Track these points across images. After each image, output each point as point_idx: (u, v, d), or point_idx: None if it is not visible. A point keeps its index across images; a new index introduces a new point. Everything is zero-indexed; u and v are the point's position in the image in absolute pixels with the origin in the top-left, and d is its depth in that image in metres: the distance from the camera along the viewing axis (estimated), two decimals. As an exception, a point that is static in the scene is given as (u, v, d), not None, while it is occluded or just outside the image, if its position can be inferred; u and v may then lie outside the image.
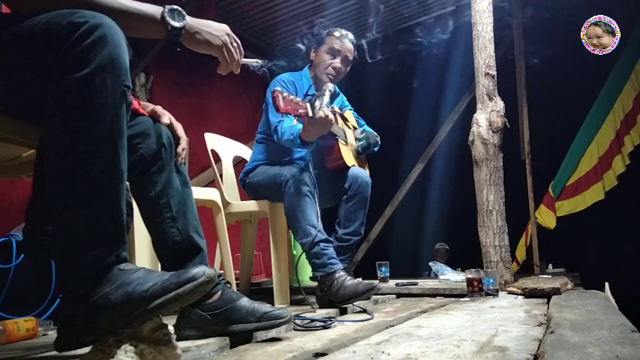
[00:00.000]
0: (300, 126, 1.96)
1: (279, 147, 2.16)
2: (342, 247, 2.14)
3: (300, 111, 1.79)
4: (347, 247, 2.15)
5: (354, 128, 2.42)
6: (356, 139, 2.35)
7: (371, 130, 2.44)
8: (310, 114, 1.80)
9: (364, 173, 2.20)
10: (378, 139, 2.39)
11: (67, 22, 0.83)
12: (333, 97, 2.09)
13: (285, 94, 1.76)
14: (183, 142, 1.24)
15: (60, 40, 0.83)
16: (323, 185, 2.08)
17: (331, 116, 1.85)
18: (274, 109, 1.80)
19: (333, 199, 2.23)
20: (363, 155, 2.39)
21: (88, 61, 0.83)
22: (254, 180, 2.20)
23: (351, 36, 2.23)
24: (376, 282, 2.63)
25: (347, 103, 2.52)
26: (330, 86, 2.01)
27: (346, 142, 2.25)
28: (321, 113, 1.81)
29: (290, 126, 2.01)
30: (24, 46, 0.87)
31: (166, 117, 1.21)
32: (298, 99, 1.82)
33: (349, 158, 2.20)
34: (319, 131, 1.90)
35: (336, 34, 2.21)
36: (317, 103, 1.85)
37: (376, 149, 2.39)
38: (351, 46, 2.22)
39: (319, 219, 1.93)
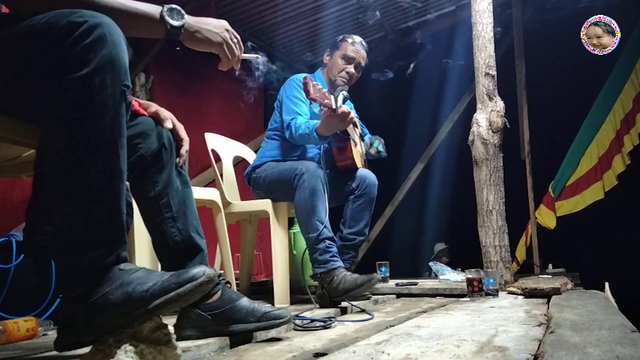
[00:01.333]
0: (316, 122, 2.00)
1: (290, 144, 2.20)
2: (346, 247, 2.15)
3: (326, 101, 1.86)
4: (351, 247, 2.17)
5: (360, 136, 2.48)
6: (370, 145, 2.42)
7: (375, 140, 2.48)
8: (334, 106, 1.87)
9: (372, 175, 2.25)
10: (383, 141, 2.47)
11: (66, 22, 0.84)
12: (344, 101, 2.13)
13: (314, 82, 1.83)
14: (186, 143, 1.24)
15: (59, 40, 0.83)
16: (329, 185, 2.09)
17: (352, 113, 1.93)
18: (302, 95, 1.89)
19: (338, 199, 2.24)
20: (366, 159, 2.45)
21: (87, 60, 0.83)
22: (262, 175, 2.20)
23: (364, 43, 2.32)
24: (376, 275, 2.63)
25: (354, 111, 2.55)
26: (344, 91, 2.05)
27: (356, 145, 2.29)
28: (344, 108, 1.88)
29: (305, 121, 2.05)
30: (24, 45, 0.87)
31: (169, 121, 1.20)
32: (325, 90, 1.88)
33: (358, 160, 2.24)
34: (338, 126, 1.95)
35: (350, 40, 2.29)
36: (340, 99, 1.92)
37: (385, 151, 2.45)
38: (364, 53, 2.31)
39: (327, 217, 1.94)
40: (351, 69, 2.26)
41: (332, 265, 1.88)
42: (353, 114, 1.96)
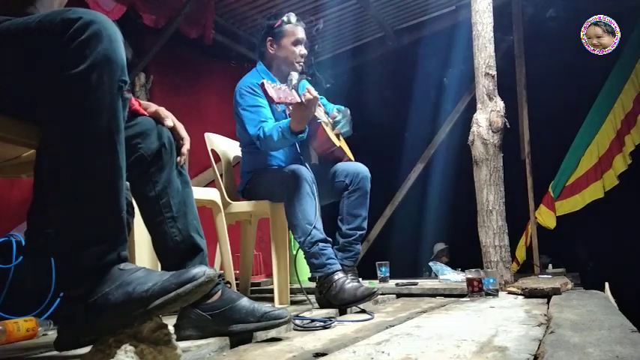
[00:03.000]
0: (283, 121, 1.95)
1: (266, 154, 2.15)
2: (348, 243, 2.13)
3: (290, 98, 1.80)
4: (353, 242, 2.14)
5: (325, 112, 2.37)
6: (334, 127, 2.27)
7: (336, 106, 2.36)
8: (300, 100, 1.81)
9: (364, 168, 2.20)
10: (347, 111, 2.31)
11: (60, 19, 0.84)
12: (299, 83, 2.11)
13: (272, 84, 1.75)
14: (187, 142, 1.24)
15: (55, 37, 0.83)
16: (319, 183, 2.07)
17: (316, 94, 1.87)
18: (266, 101, 1.79)
19: (332, 196, 2.22)
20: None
21: (83, 57, 0.83)
22: (252, 188, 2.20)
23: (299, 18, 2.25)
24: (375, 283, 2.63)
25: (308, 84, 2.45)
26: (295, 75, 2.02)
27: (327, 124, 2.22)
28: (308, 95, 1.82)
29: (274, 126, 1.97)
30: (20, 45, 0.87)
31: (169, 119, 1.20)
32: (285, 86, 1.82)
33: (335, 138, 2.19)
34: (309, 115, 1.89)
35: (293, 20, 2.21)
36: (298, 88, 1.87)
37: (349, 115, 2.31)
38: (304, 25, 2.25)
39: (319, 218, 1.93)
40: (303, 50, 2.21)
41: (329, 270, 1.87)
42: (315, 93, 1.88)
